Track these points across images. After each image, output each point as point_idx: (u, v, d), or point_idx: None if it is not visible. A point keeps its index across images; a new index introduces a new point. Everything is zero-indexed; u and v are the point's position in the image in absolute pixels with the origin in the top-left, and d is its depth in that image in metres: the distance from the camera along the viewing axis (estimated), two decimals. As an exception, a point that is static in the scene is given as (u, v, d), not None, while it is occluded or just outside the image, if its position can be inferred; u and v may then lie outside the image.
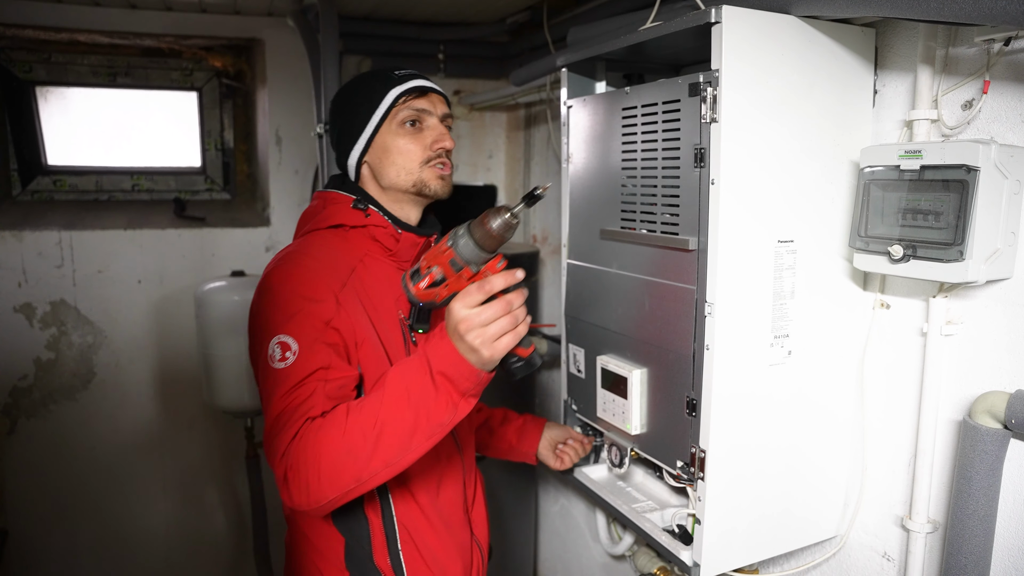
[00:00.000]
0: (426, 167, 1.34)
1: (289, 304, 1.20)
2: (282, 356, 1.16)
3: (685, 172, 1.31)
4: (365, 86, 1.35)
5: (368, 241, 1.34)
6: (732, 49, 1.20)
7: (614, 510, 1.61)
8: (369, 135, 1.33)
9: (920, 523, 1.30)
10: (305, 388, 1.14)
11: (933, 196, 1.15)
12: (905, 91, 1.32)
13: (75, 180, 2.91)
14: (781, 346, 1.34)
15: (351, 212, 1.34)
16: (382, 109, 1.32)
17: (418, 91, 1.34)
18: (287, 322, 1.18)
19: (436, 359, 1.08)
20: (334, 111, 1.41)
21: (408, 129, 1.33)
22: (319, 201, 1.40)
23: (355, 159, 1.36)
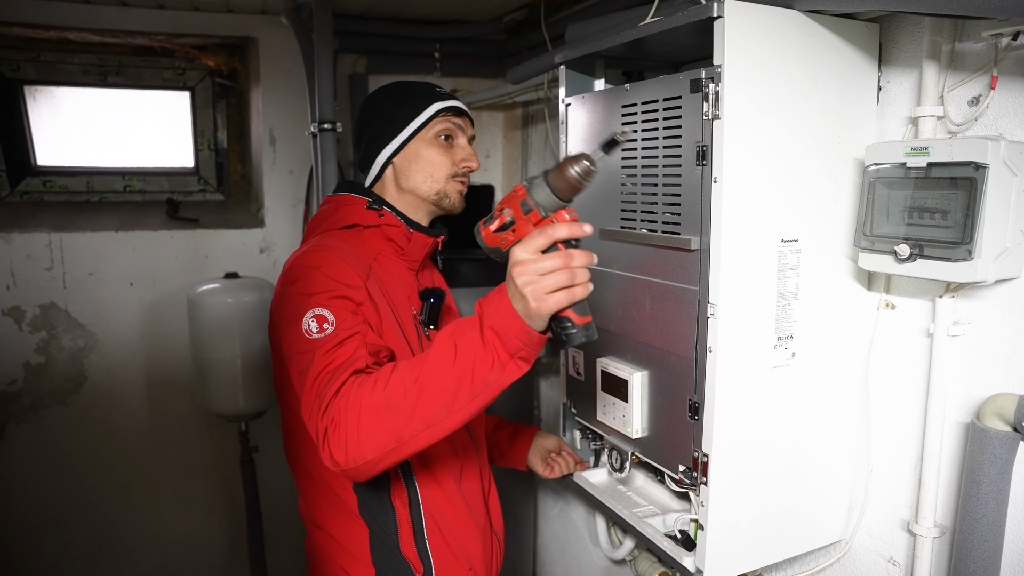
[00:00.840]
0: (451, 181, 1.42)
1: (320, 284, 1.21)
2: (320, 328, 1.15)
3: (687, 170, 1.28)
4: (409, 92, 1.42)
5: (381, 240, 1.39)
6: (734, 44, 1.17)
7: (615, 515, 1.59)
8: (405, 139, 1.39)
9: (927, 527, 1.28)
10: (348, 346, 1.14)
11: (940, 194, 1.12)
12: (910, 87, 1.30)
13: (65, 181, 2.86)
14: (785, 348, 1.32)
15: (365, 212, 1.39)
16: (423, 117, 1.39)
17: (456, 110, 1.42)
18: (320, 299, 1.19)
19: (488, 312, 1.01)
20: (370, 108, 1.44)
21: (441, 142, 1.40)
22: (331, 205, 1.44)
23: (385, 157, 1.40)
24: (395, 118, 1.40)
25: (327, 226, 1.39)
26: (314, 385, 1.11)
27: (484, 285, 2.19)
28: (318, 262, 1.26)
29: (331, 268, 1.25)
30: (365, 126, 1.44)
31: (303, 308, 1.19)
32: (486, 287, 2.19)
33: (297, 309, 1.19)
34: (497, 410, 2.28)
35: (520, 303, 0.98)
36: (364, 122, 1.45)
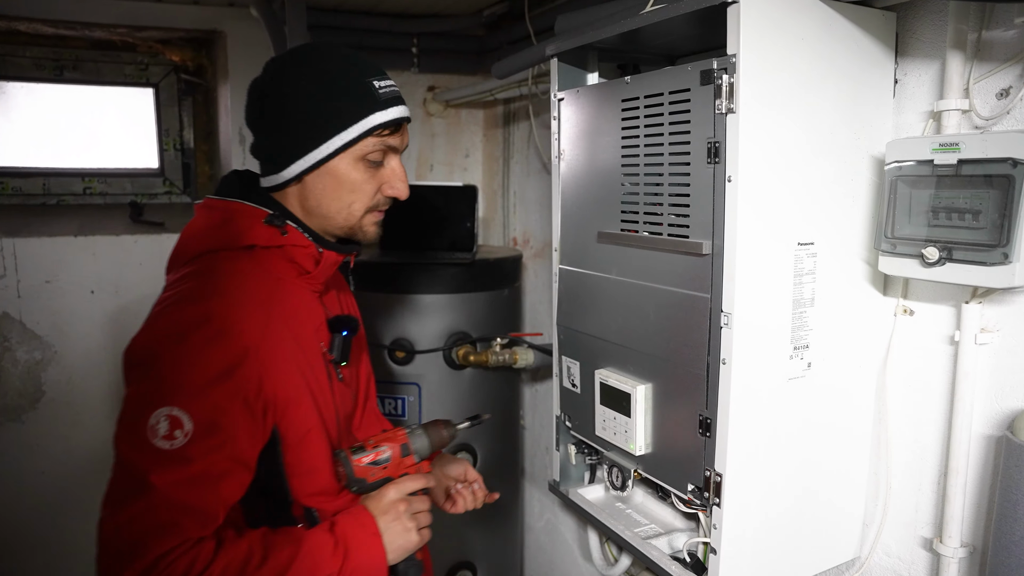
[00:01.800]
0: (368, 214, 1.15)
1: (195, 363, 0.95)
2: (168, 433, 0.91)
3: (696, 169, 1.19)
4: (340, 90, 1.09)
5: (281, 262, 1.12)
6: (750, 32, 1.09)
7: (616, 536, 1.49)
8: (324, 157, 1.09)
9: (953, 547, 1.20)
10: (189, 492, 0.92)
11: (972, 193, 1.04)
12: (930, 80, 1.22)
13: (19, 183, 2.69)
14: (800, 358, 1.23)
15: (264, 229, 1.09)
16: (351, 135, 1.08)
17: (396, 125, 1.12)
18: (185, 391, 0.94)
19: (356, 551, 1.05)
20: (284, 95, 1.09)
21: (368, 165, 1.12)
22: (216, 213, 1.12)
23: (294, 173, 1.10)
24: (315, 125, 1.08)
25: (214, 243, 1.09)
26: (137, 523, 0.89)
27: (469, 291, 2.09)
28: (196, 324, 0.97)
29: (211, 335, 0.97)
30: (273, 118, 1.11)
31: (160, 397, 0.93)
32: (470, 293, 2.09)
33: (153, 393, 0.93)
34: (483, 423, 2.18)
35: (400, 538, 1.10)
36: (272, 111, 1.11)
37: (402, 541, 1.10)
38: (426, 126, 2.86)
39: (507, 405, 2.30)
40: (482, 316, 2.11)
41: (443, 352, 2.07)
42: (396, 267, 2.05)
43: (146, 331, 1.00)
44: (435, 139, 2.88)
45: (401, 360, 2.06)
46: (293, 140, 1.09)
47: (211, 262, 1.07)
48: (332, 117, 1.08)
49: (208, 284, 1.03)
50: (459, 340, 2.07)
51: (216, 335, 0.98)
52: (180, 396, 0.93)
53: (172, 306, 1.01)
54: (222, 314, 1.00)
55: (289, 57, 1.13)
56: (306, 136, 1.08)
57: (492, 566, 2.31)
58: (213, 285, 1.03)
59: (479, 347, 2.09)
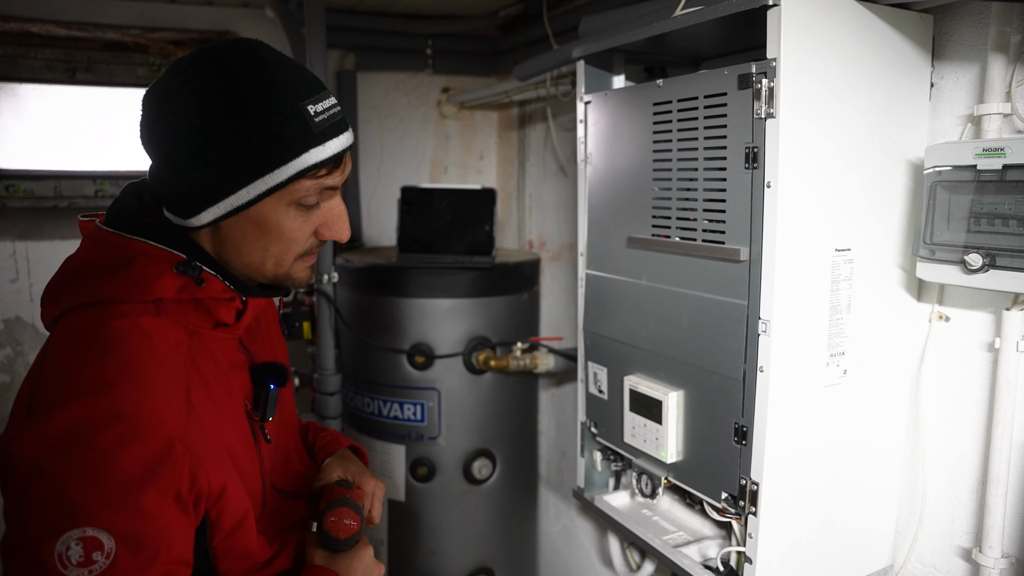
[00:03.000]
0: (299, 260, 0.95)
1: (105, 474, 0.76)
2: (84, 559, 0.72)
3: (733, 174, 1.17)
4: (260, 121, 0.85)
5: (194, 314, 0.91)
6: (791, 35, 1.07)
7: (645, 544, 1.47)
8: (243, 203, 0.87)
9: (993, 557, 1.18)
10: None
11: (1017, 199, 1.02)
12: (968, 83, 1.20)
13: (31, 185, 2.67)
14: (837, 365, 1.22)
15: (175, 279, 0.88)
16: (279, 178, 0.86)
17: (336, 161, 0.90)
18: (99, 504, 0.75)
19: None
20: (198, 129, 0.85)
21: (302, 209, 0.91)
22: (110, 250, 0.89)
23: (206, 220, 0.88)
24: (234, 165, 0.85)
25: (109, 291, 0.86)
26: None
27: (488, 295, 2.07)
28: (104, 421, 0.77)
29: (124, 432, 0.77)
30: (179, 145, 0.86)
31: (68, 518, 0.73)
32: (490, 297, 2.07)
33: (57, 512, 0.74)
34: (500, 426, 2.16)
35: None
36: (177, 135, 0.86)
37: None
38: (440, 128, 2.84)
39: (526, 410, 2.28)
40: (501, 320, 2.10)
41: (463, 357, 2.05)
42: (415, 271, 2.04)
43: (33, 435, 0.77)
44: (449, 141, 2.86)
45: (420, 365, 2.05)
46: (205, 180, 0.86)
47: (106, 322, 0.84)
48: (254, 154, 0.85)
49: (108, 362, 0.81)
50: (479, 345, 2.05)
51: (130, 433, 0.78)
52: (93, 512, 0.75)
53: (65, 401, 0.77)
54: (134, 405, 0.79)
55: (200, 63, 0.87)
56: (220, 177, 0.86)
57: (510, 571, 2.29)
58: (115, 363, 0.81)
59: (499, 352, 2.08)
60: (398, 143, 2.78)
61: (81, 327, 0.85)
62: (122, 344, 0.82)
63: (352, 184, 2.63)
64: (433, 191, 2.16)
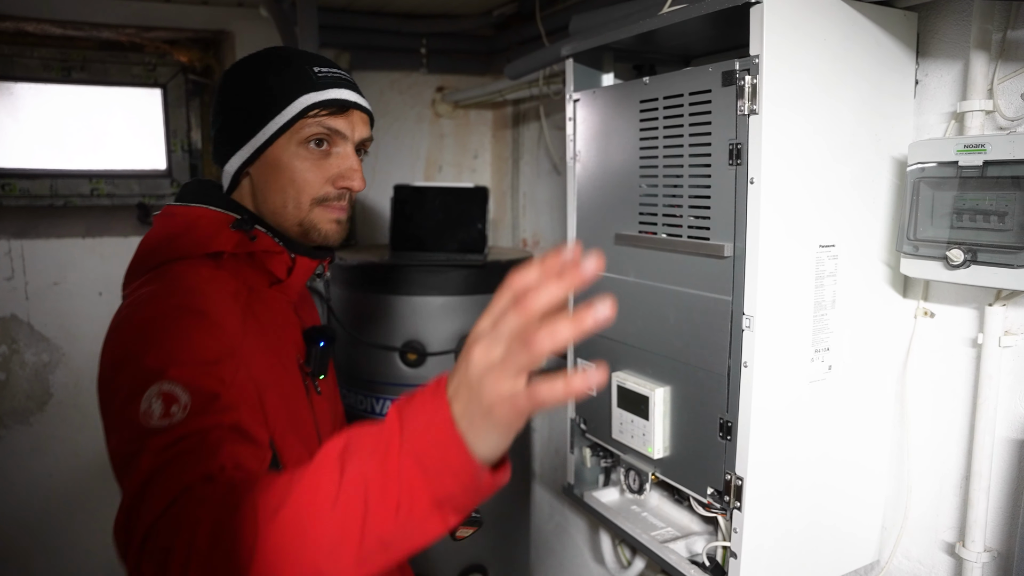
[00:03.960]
0: (318, 207, 1.06)
1: (176, 346, 0.85)
2: (165, 411, 0.79)
3: (718, 170, 1.18)
4: (270, 77, 1.05)
5: (252, 272, 1.06)
6: (773, 33, 1.08)
7: (633, 540, 1.48)
8: (260, 144, 1.04)
9: (976, 552, 1.19)
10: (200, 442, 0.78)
11: (998, 195, 1.03)
12: (951, 81, 1.21)
13: (26, 184, 2.68)
14: (822, 361, 1.22)
15: (231, 234, 1.02)
16: (284, 118, 1.02)
17: (337, 105, 1.04)
18: (174, 369, 0.82)
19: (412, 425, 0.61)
20: (227, 90, 1.09)
21: (312, 151, 1.04)
22: (178, 220, 1.05)
23: (236, 166, 1.06)
24: (249, 113, 1.04)
25: (177, 251, 1.01)
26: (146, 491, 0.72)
27: (480, 293, 2.08)
28: (174, 312, 0.90)
29: (193, 323, 0.89)
30: (218, 113, 1.10)
31: (147, 379, 0.81)
32: (482, 295, 2.08)
33: (138, 378, 0.82)
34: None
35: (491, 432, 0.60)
36: (217, 107, 1.10)
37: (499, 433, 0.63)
38: (435, 127, 2.85)
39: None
40: (493, 318, 2.10)
41: (455, 354, 2.06)
42: (407, 269, 2.05)
43: (120, 331, 0.89)
44: (443, 140, 2.87)
45: (413, 362, 2.05)
46: (233, 132, 1.06)
47: (174, 269, 0.98)
48: (266, 101, 1.03)
49: (174, 286, 0.94)
50: (471, 342, 2.06)
51: (204, 323, 0.89)
52: (168, 371, 0.82)
53: (142, 304, 0.91)
54: (204, 306, 0.91)
55: (237, 63, 1.11)
56: (244, 125, 1.04)
57: (503, 569, 2.30)
58: (181, 287, 0.94)
59: (490, 349, 2.08)
60: (393, 142, 2.78)
61: (148, 278, 0.98)
62: (185, 277, 0.97)
63: (347, 183, 2.64)
64: (426, 189, 2.17)
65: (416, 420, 0.61)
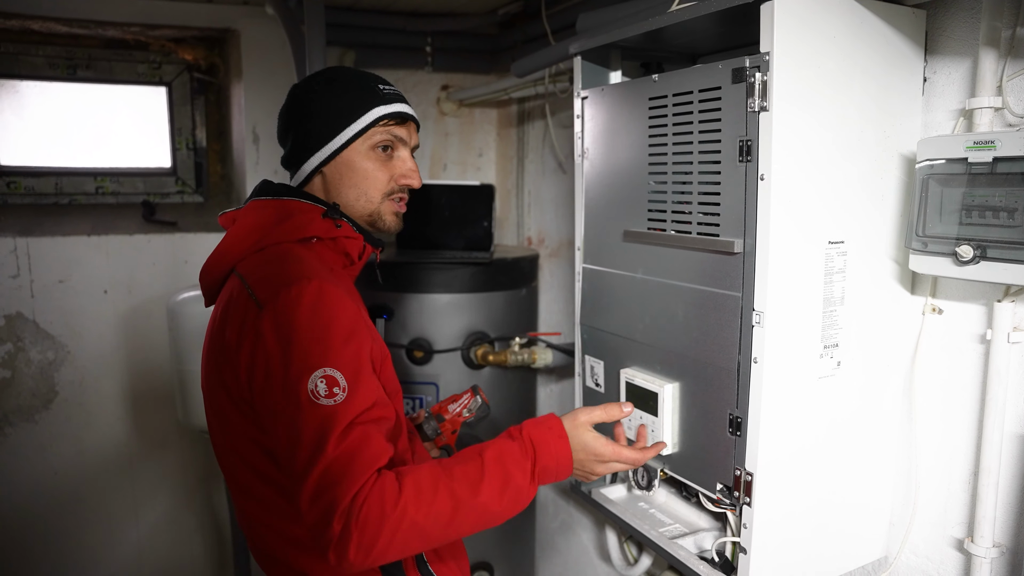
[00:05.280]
0: (386, 200, 1.26)
1: (330, 332, 1.04)
2: (329, 392, 0.99)
3: (728, 167, 1.19)
4: (348, 89, 1.23)
5: (331, 254, 1.23)
6: (784, 29, 1.08)
7: (641, 536, 1.49)
8: (337, 147, 1.22)
9: (984, 547, 1.19)
10: (360, 431, 1.00)
11: (1008, 191, 1.03)
12: (960, 78, 1.22)
13: (32, 182, 2.69)
14: (831, 357, 1.23)
15: (323, 223, 1.21)
16: (360, 125, 1.21)
17: (400, 117, 1.24)
18: (331, 353, 1.02)
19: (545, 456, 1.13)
20: (301, 101, 1.25)
21: (379, 154, 1.24)
22: (272, 210, 1.22)
23: (313, 166, 1.24)
24: (328, 121, 1.22)
25: (278, 236, 1.18)
26: (326, 474, 0.97)
27: (487, 291, 2.08)
28: (323, 297, 1.06)
29: (334, 306, 1.06)
30: (294, 122, 1.25)
31: (309, 363, 1.01)
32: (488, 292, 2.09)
33: (301, 360, 1.01)
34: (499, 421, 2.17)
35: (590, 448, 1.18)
36: (293, 116, 1.26)
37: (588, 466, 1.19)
38: (439, 125, 2.85)
39: (524, 405, 2.29)
40: (500, 316, 2.11)
41: (461, 352, 2.06)
42: (414, 267, 2.05)
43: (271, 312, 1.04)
44: (448, 138, 2.88)
45: (419, 360, 2.06)
46: (310, 138, 1.23)
47: (287, 250, 1.15)
48: (343, 112, 1.21)
49: (298, 266, 1.10)
50: (477, 340, 2.06)
51: (338, 304, 1.06)
52: (328, 356, 1.01)
53: (286, 285, 1.05)
54: (327, 287, 1.07)
55: (307, 80, 1.28)
56: (321, 131, 1.22)
57: (509, 567, 2.30)
58: (305, 266, 1.10)
59: (497, 347, 2.09)
60: (397, 140, 2.79)
61: (264, 257, 1.14)
62: (303, 257, 1.13)
63: (352, 181, 2.64)
64: (432, 187, 2.18)
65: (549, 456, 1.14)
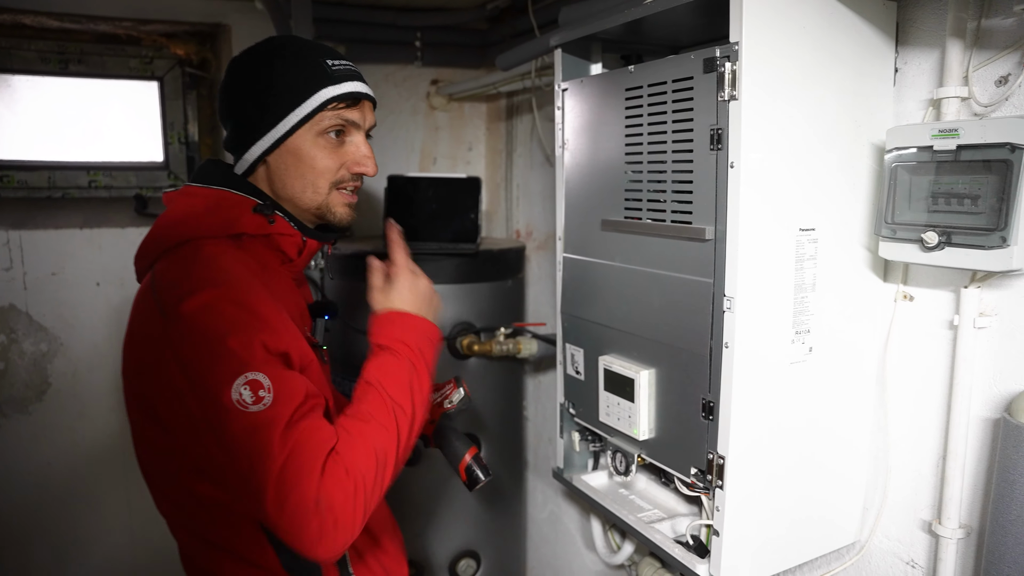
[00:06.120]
0: (335, 191, 1.17)
1: (243, 335, 0.96)
2: (255, 397, 0.93)
3: (699, 156, 1.21)
4: (290, 69, 1.11)
5: (265, 250, 1.14)
6: (753, 20, 1.10)
7: (619, 520, 1.51)
8: (281, 135, 1.11)
9: (951, 528, 1.22)
10: (302, 427, 0.95)
11: (971, 178, 1.06)
12: (930, 68, 1.24)
13: (24, 176, 2.71)
14: (802, 342, 1.25)
15: (253, 218, 1.11)
16: (306, 110, 1.10)
17: (352, 98, 1.13)
18: (247, 357, 0.95)
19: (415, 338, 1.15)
20: (241, 80, 1.14)
21: (329, 140, 1.13)
22: (201, 200, 1.12)
23: (256, 154, 1.13)
24: (271, 104, 1.10)
25: (201, 230, 1.08)
26: (282, 480, 0.91)
27: (472, 282, 2.11)
28: (227, 299, 0.98)
29: (247, 306, 0.99)
30: (235, 103, 1.14)
31: (228, 371, 0.94)
32: (474, 284, 2.11)
33: (218, 371, 0.94)
34: (486, 412, 2.20)
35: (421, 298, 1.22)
36: (232, 97, 1.15)
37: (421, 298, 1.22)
38: (429, 119, 2.87)
39: (510, 395, 2.31)
40: (486, 306, 2.13)
41: (447, 341, 2.08)
42: (400, 258, 2.07)
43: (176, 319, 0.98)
44: (438, 132, 2.89)
45: (406, 350, 2.08)
46: (253, 122, 1.12)
47: (201, 248, 1.04)
48: (285, 94, 1.10)
49: (212, 271, 1.01)
50: (463, 330, 2.09)
51: (241, 307, 0.99)
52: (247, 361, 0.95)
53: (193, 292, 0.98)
54: (232, 293, 0.99)
55: (246, 52, 1.16)
56: (264, 116, 1.11)
57: (496, 555, 2.32)
58: (219, 271, 1.02)
59: (483, 337, 2.11)
60: (388, 135, 2.81)
61: (180, 256, 1.05)
62: (219, 260, 1.03)
63: (342, 175, 2.66)
64: (419, 180, 2.20)
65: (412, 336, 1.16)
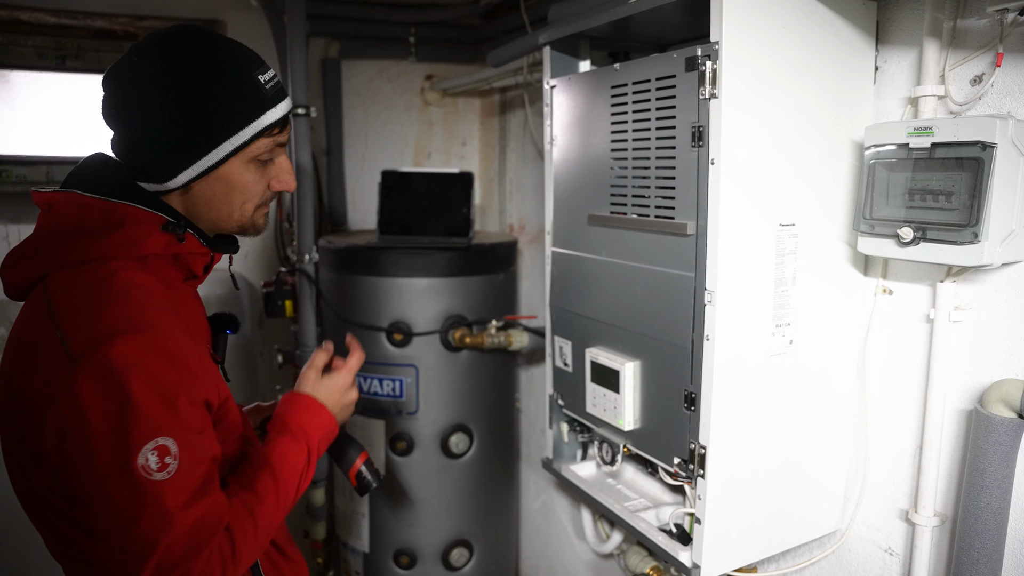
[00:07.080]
0: (258, 210, 1.10)
1: (165, 394, 0.89)
2: (161, 464, 0.87)
3: (681, 152, 1.23)
4: (224, 93, 0.99)
5: (168, 267, 1.04)
6: (733, 19, 1.13)
7: (606, 509, 1.54)
8: (214, 163, 1.01)
9: (926, 516, 1.25)
10: (206, 501, 0.91)
11: (944, 175, 1.09)
12: (908, 67, 1.26)
13: (23, 170, 2.72)
14: (783, 335, 1.28)
15: (162, 237, 1.00)
16: (243, 138, 1.01)
17: (286, 122, 1.07)
18: (162, 419, 0.88)
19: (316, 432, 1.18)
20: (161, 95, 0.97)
21: (259, 164, 1.06)
22: (102, 214, 0.99)
23: (182, 183, 1.01)
24: (203, 130, 0.98)
25: (100, 250, 0.96)
26: (168, 555, 0.86)
27: (465, 275, 2.13)
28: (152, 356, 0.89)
29: (180, 355, 0.92)
30: (152, 119, 0.98)
31: (140, 433, 0.86)
32: (466, 277, 2.13)
33: (130, 433, 0.86)
34: (479, 404, 2.23)
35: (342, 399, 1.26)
36: (148, 110, 0.98)
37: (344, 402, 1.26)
38: (423, 115, 2.89)
39: (503, 387, 2.34)
40: (478, 300, 2.16)
41: (440, 334, 2.11)
42: (393, 252, 2.10)
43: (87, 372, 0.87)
44: (432, 127, 2.92)
45: (399, 342, 2.11)
46: (178, 147, 0.99)
47: (113, 276, 0.94)
48: (221, 120, 0.99)
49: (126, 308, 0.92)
50: (455, 323, 2.11)
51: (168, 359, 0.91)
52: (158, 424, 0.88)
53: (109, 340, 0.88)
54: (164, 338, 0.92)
55: (160, 44, 0.99)
56: (193, 143, 0.99)
57: (489, 544, 2.36)
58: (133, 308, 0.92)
59: (475, 330, 2.14)
60: (382, 130, 2.83)
61: (85, 281, 0.94)
62: (134, 294, 0.94)
63: (337, 170, 2.68)
64: (412, 175, 2.22)
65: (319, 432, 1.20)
